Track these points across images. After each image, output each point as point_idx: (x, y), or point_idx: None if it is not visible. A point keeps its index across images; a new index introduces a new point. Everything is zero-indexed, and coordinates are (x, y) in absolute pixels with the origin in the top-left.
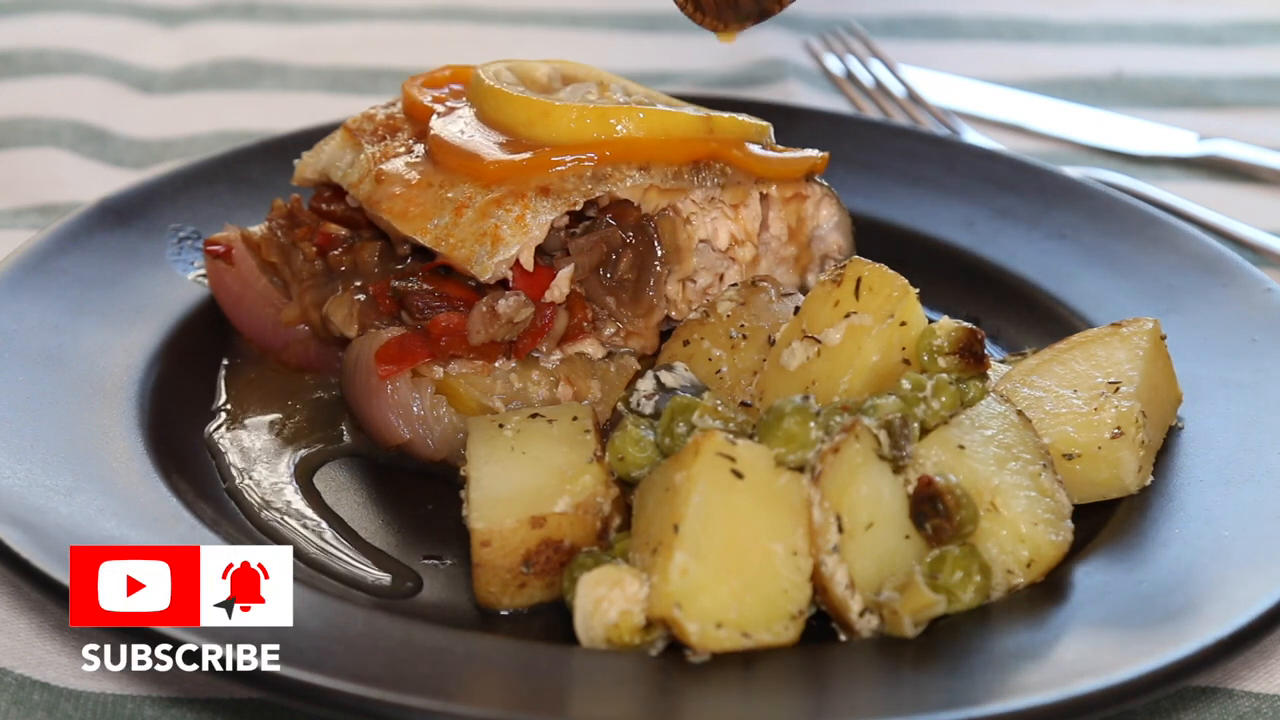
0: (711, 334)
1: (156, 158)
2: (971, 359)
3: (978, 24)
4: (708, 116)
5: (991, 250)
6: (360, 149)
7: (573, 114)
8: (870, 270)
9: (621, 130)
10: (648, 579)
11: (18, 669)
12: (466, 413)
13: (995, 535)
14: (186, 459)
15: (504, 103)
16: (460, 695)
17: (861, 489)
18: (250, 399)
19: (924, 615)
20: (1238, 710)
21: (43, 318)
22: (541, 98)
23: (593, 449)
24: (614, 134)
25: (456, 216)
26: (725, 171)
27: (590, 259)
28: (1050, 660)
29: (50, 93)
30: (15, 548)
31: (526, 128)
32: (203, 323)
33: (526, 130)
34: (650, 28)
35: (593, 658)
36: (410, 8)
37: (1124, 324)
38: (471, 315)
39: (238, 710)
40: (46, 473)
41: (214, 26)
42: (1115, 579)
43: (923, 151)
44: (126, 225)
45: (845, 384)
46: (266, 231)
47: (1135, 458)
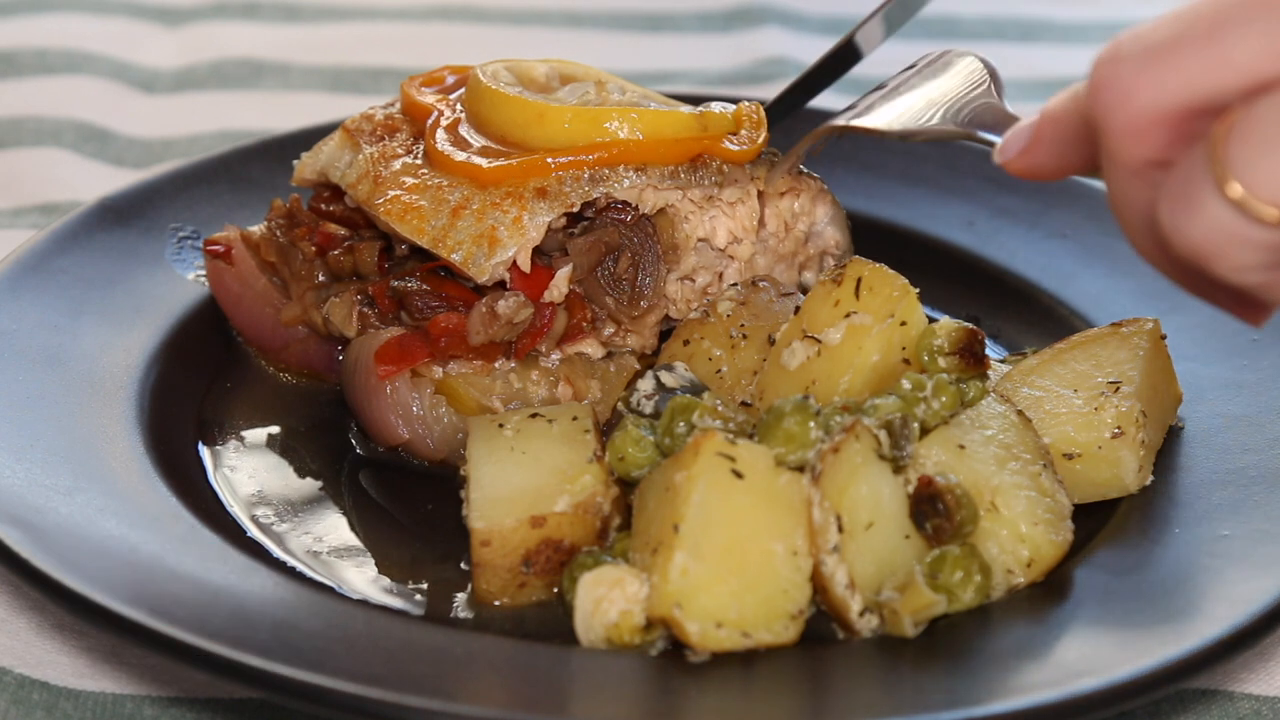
0: (711, 334)
1: (157, 157)
2: (971, 359)
3: (980, 24)
4: (702, 113)
5: (991, 250)
6: (359, 149)
7: (567, 116)
8: (870, 270)
9: (616, 130)
10: (648, 579)
11: (17, 668)
12: (466, 413)
13: (995, 535)
14: (186, 459)
15: (499, 104)
16: (460, 695)
17: (861, 489)
18: (250, 399)
19: (924, 615)
20: (1238, 712)
21: (42, 317)
22: (538, 99)
23: (593, 449)
24: (609, 135)
25: (454, 218)
26: (722, 169)
27: (589, 259)
28: (1050, 660)
29: (51, 92)
30: (15, 548)
31: (521, 129)
32: (203, 323)
33: (521, 132)
34: (650, 28)
35: (593, 658)
36: (411, 7)
37: (1124, 324)
38: (471, 316)
39: (238, 710)
40: (46, 473)
41: (215, 26)
42: (1115, 579)
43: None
44: (126, 225)
45: (845, 384)
46: (266, 231)
47: (1135, 458)
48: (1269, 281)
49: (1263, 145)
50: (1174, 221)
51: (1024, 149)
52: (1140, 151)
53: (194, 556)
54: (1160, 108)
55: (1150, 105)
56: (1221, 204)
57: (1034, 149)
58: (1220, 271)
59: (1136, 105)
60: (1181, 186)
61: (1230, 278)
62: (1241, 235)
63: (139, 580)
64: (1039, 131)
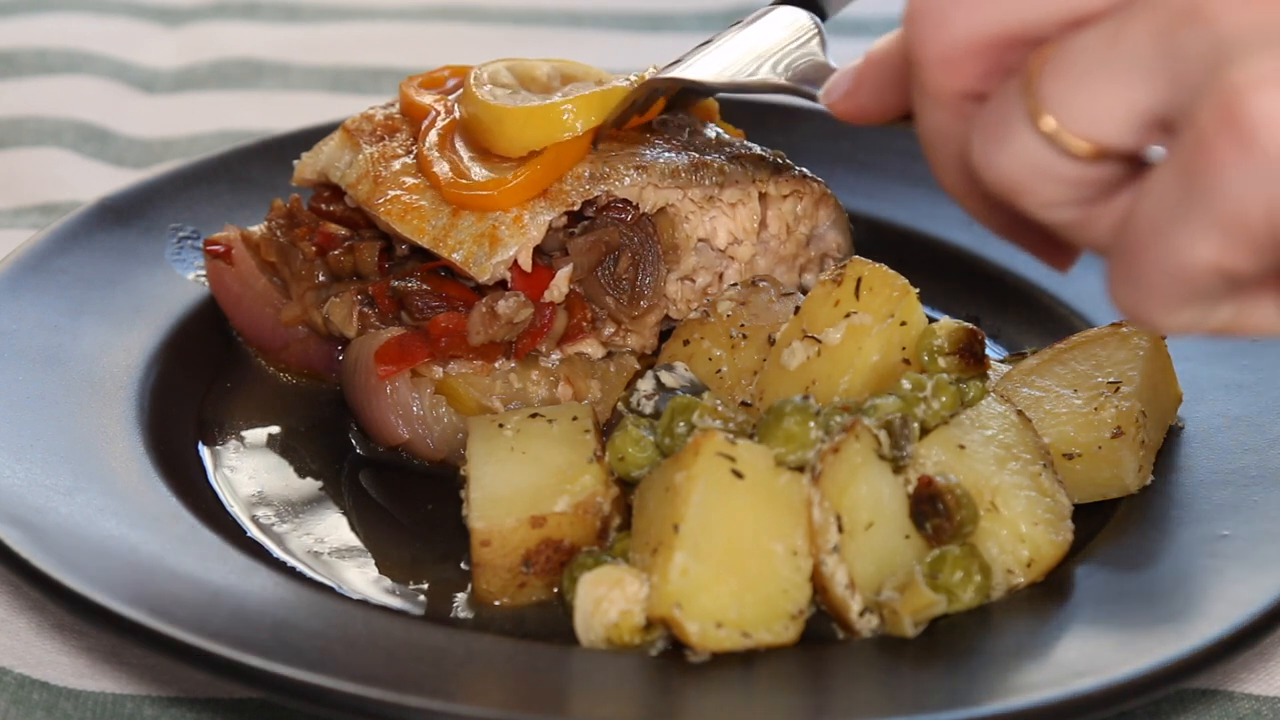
0: (711, 334)
1: (158, 157)
2: (971, 359)
3: None
4: (635, 81)
5: (991, 250)
6: (359, 149)
7: (521, 116)
8: (870, 270)
9: (572, 122)
10: (648, 579)
11: (17, 668)
12: (466, 413)
13: (995, 535)
14: (186, 459)
15: (473, 107)
16: (460, 695)
17: (861, 489)
18: (250, 399)
19: (924, 615)
20: (1238, 712)
21: (43, 317)
22: (501, 103)
23: (593, 449)
24: (566, 128)
25: (454, 218)
26: (723, 170)
27: (589, 259)
28: (1050, 660)
29: (51, 92)
30: (15, 548)
31: (489, 134)
32: (203, 323)
33: (491, 137)
34: (650, 28)
35: (593, 658)
36: (411, 7)
37: (1124, 324)
38: (471, 316)
39: (238, 710)
40: (46, 473)
41: (215, 26)
42: (1115, 579)
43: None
44: (126, 225)
45: (845, 384)
46: (266, 231)
47: (1135, 458)
48: (1077, 219)
49: (1077, 78)
50: (985, 154)
51: (847, 91)
52: (953, 83)
53: (194, 556)
54: (975, 38)
55: (964, 35)
56: (1034, 137)
57: (857, 90)
58: (1029, 207)
59: (950, 35)
60: (994, 119)
61: (1039, 214)
62: (1052, 169)
63: (139, 580)
64: (861, 73)
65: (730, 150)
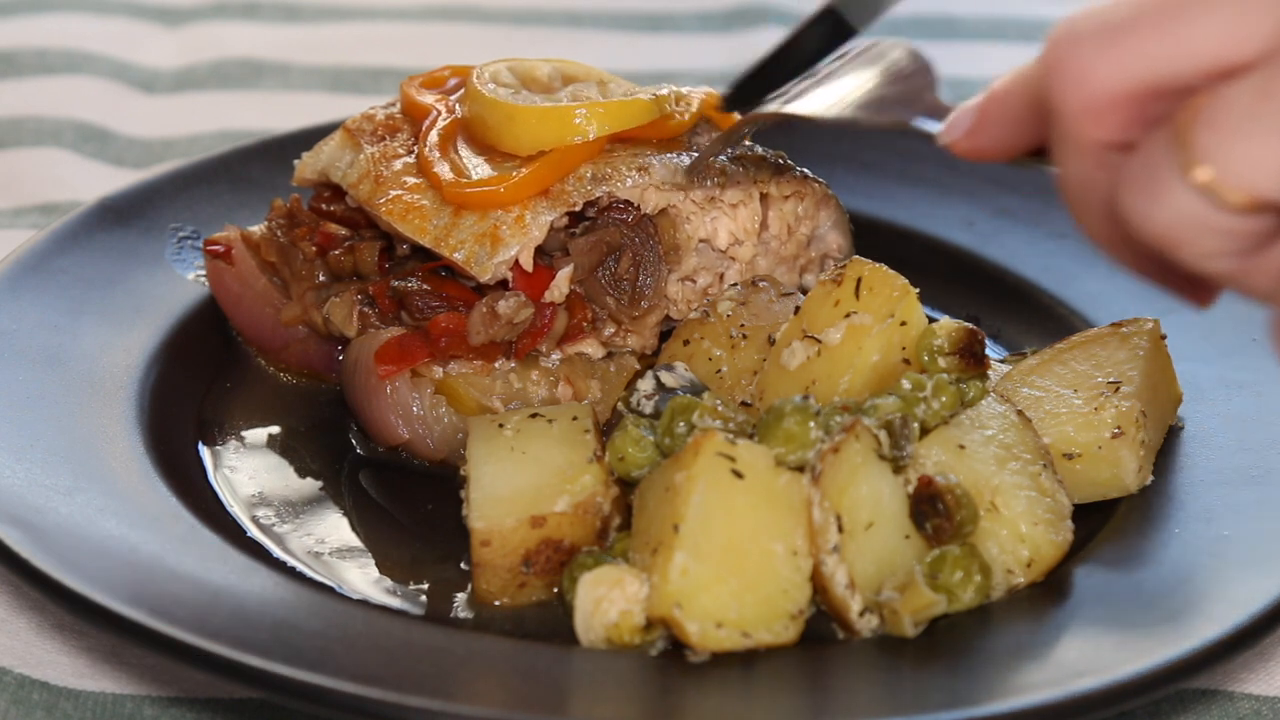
0: (711, 334)
1: (158, 157)
2: (971, 359)
3: (980, 24)
4: (656, 98)
5: (991, 250)
6: (360, 149)
7: (533, 116)
8: (870, 270)
9: (584, 126)
10: (648, 579)
11: (17, 668)
12: (466, 413)
13: (995, 535)
14: (186, 459)
15: (480, 105)
16: (460, 695)
17: (861, 489)
18: (250, 399)
19: (924, 615)
20: (1238, 712)
21: (43, 317)
22: (509, 100)
23: (593, 449)
24: (578, 131)
25: (456, 217)
26: (725, 171)
27: (590, 259)
28: (1050, 660)
29: (51, 92)
30: (15, 548)
31: (496, 133)
32: (203, 323)
33: (497, 135)
34: (650, 28)
35: (593, 658)
36: (411, 7)
37: (1124, 324)
38: (471, 316)
39: (238, 710)
40: (46, 473)
41: (215, 26)
42: (1115, 579)
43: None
44: (126, 225)
45: (845, 384)
46: (266, 231)
47: (1135, 458)
48: (1238, 269)
49: (1232, 130)
50: (1137, 207)
51: (970, 129)
52: (1097, 133)
53: (194, 556)
54: (1120, 89)
55: (1109, 86)
56: (1187, 189)
57: (980, 129)
58: (1186, 259)
59: (1094, 86)
60: (1144, 171)
61: (1197, 265)
62: (1208, 221)
63: (139, 580)
64: (985, 111)
65: (732, 151)
